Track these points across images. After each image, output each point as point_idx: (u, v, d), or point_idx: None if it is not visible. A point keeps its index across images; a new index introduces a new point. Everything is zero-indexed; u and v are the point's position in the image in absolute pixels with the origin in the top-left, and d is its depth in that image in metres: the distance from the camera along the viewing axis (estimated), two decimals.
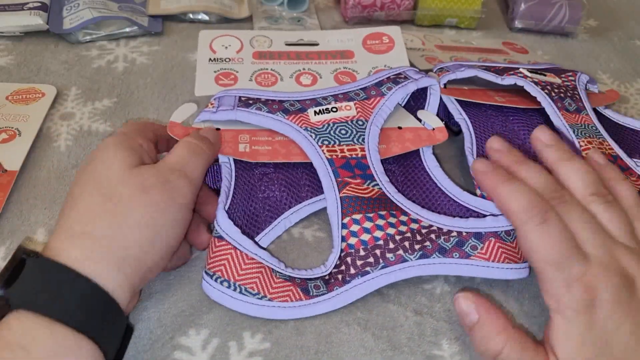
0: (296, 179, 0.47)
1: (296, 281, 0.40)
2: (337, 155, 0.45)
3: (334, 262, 0.41)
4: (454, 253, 0.41)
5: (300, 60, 0.58)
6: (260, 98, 0.49)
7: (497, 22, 0.77)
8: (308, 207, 0.46)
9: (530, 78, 0.55)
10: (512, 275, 0.41)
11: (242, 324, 0.40)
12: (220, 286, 0.39)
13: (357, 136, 0.47)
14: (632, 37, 0.77)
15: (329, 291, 0.40)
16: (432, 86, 0.53)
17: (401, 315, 0.41)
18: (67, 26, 0.64)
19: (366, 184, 0.44)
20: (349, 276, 0.40)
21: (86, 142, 0.53)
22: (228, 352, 0.38)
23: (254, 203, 0.45)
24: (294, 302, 0.39)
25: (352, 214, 0.42)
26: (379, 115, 0.49)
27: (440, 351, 0.39)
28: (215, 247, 0.40)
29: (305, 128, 0.47)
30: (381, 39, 0.60)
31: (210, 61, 0.57)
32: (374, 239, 0.41)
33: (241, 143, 0.47)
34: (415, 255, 0.41)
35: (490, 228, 0.42)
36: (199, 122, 0.48)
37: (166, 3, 0.70)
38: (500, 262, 0.41)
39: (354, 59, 0.58)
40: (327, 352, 0.39)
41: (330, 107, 0.48)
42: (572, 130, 0.51)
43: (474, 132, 0.52)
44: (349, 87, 0.51)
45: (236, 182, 0.45)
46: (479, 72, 0.55)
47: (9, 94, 0.56)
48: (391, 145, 0.48)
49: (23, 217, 0.46)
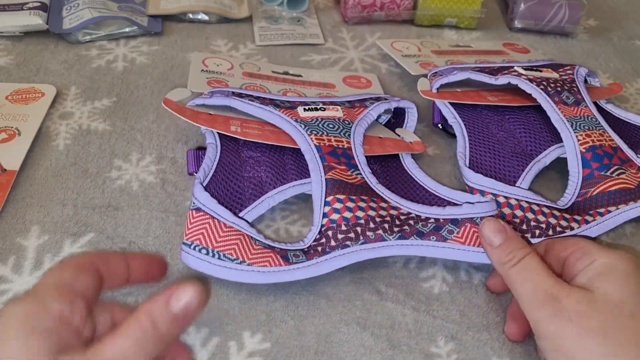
0: (282, 163, 0.49)
1: (275, 249, 0.41)
2: (324, 144, 0.47)
3: (314, 237, 0.42)
4: (431, 236, 0.42)
5: (287, 84, 0.60)
6: (253, 95, 0.51)
7: (497, 22, 0.77)
8: (292, 188, 0.47)
9: (525, 76, 0.55)
10: (486, 258, 0.41)
11: (241, 323, 0.40)
12: (199, 253, 0.39)
13: (344, 131, 0.49)
14: (632, 37, 0.77)
15: (308, 259, 0.41)
16: (410, 108, 0.55)
17: (399, 314, 0.41)
18: (66, 26, 0.65)
19: (350, 171, 0.45)
20: (329, 248, 0.41)
21: (85, 140, 0.53)
22: (228, 352, 0.39)
23: (238, 181, 0.46)
24: (273, 267, 0.40)
25: (336, 193, 0.43)
26: (363, 120, 0.51)
27: (437, 349, 0.39)
28: (193, 218, 0.41)
29: (295, 119, 0.48)
30: (359, 79, 0.63)
31: (203, 72, 0.58)
32: (355, 217, 0.42)
33: (233, 125, 0.48)
34: (394, 236, 0.42)
35: (466, 214, 0.43)
36: (193, 105, 0.50)
37: (166, 3, 0.70)
38: (476, 245, 0.42)
39: (335, 89, 0.60)
40: (327, 352, 0.39)
41: (318, 106, 0.51)
42: (570, 123, 0.51)
43: (467, 135, 0.52)
44: (335, 99, 0.54)
45: (221, 161, 0.47)
46: (472, 74, 0.55)
47: (8, 94, 0.57)
48: (373, 147, 0.50)
49: (18, 216, 0.46)
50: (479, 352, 0.40)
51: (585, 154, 0.49)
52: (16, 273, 0.42)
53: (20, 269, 0.42)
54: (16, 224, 0.46)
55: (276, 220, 0.47)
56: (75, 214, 0.46)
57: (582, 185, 0.48)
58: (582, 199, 0.48)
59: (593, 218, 0.46)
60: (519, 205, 0.46)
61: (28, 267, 0.42)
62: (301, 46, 0.70)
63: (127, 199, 0.48)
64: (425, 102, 0.61)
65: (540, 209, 0.46)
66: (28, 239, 0.44)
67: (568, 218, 0.46)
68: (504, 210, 0.46)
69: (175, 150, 0.53)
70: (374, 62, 0.68)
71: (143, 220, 0.47)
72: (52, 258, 0.43)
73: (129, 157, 0.52)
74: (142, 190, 0.49)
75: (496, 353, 0.39)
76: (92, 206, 0.47)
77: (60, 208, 0.47)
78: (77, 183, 0.49)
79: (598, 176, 0.48)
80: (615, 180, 0.48)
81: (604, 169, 0.48)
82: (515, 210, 0.46)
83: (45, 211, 0.47)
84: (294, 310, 0.41)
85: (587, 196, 0.48)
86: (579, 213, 0.47)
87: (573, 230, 0.46)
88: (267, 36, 0.70)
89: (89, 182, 0.49)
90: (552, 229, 0.45)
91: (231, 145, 0.49)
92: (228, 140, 0.49)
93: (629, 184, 0.48)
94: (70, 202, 0.47)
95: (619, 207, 0.47)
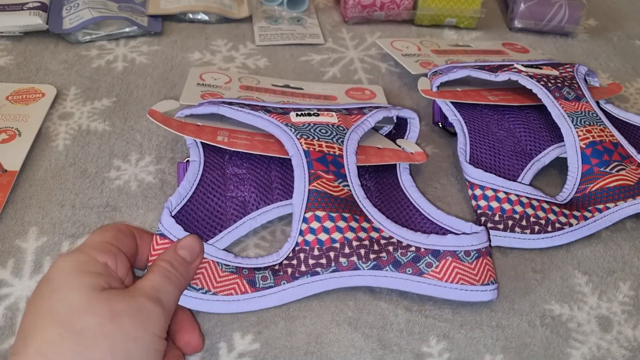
0: (268, 182, 0.47)
1: (243, 272, 0.40)
2: (314, 149, 0.45)
3: (288, 252, 0.41)
4: (408, 269, 0.41)
5: (285, 96, 0.58)
6: (244, 102, 0.50)
7: (496, 22, 0.77)
8: (276, 209, 0.46)
9: (525, 72, 0.55)
10: (465, 296, 0.40)
11: (232, 324, 0.40)
12: None
13: (337, 137, 0.47)
14: (632, 37, 0.77)
15: (276, 285, 0.40)
16: (412, 119, 0.53)
17: (391, 314, 0.41)
18: (66, 26, 0.65)
19: (337, 182, 0.44)
20: (298, 273, 0.40)
21: (84, 141, 0.53)
22: (217, 352, 0.39)
23: (220, 202, 0.45)
24: (238, 296, 0.39)
25: (316, 209, 0.42)
26: (359, 127, 0.49)
27: (429, 348, 0.40)
28: (157, 244, 0.40)
29: (285, 124, 0.47)
30: (363, 91, 0.61)
31: (198, 85, 0.58)
32: (330, 240, 0.41)
33: (220, 136, 0.47)
34: (368, 265, 0.40)
35: (449, 247, 0.41)
36: (181, 117, 0.49)
37: (166, 3, 0.71)
38: (454, 282, 0.40)
39: (336, 101, 0.59)
40: (317, 352, 0.39)
41: (312, 112, 0.49)
42: (570, 119, 0.51)
43: (468, 132, 0.52)
44: (332, 106, 0.52)
45: (203, 179, 0.46)
46: (472, 72, 0.55)
47: (9, 94, 0.57)
48: (370, 157, 0.48)
49: (17, 217, 0.46)
50: (471, 349, 0.40)
51: (585, 149, 0.49)
52: (16, 277, 0.42)
53: (20, 272, 0.42)
54: (15, 225, 0.46)
55: (273, 221, 0.47)
56: (73, 214, 0.47)
57: (581, 181, 0.49)
58: (581, 195, 0.48)
59: (592, 214, 0.47)
60: (519, 201, 0.46)
61: (28, 271, 0.43)
62: (301, 46, 0.70)
63: (126, 199, 0.48)
64: (425, 101, 0.61)
65: (540, 204, 0.46)
66: (26, 241, 0.45)
67: (567, 214, 0.46)
68: (504, 205, 0.46)
69: (174, 151, 0.53)
70: (374, 62, 0.68)
71: (141, 220, 0.47)
72: (51, 261, 0.43)
73: (128, 157, 0.52)
74: (140, 191, 0.49)
75: (489, 350, 0.40)
76: (90, 206, 0.47)
77: (59, 209, 0.47)
78: (75, 183, 0.49)
79: (597, 172, 0.48)
80: (615, 176, 0.48)
81: (604, 165, 0.49)
82: (515, 206, 0.46)
83: (43, 212, 0.47)
84: (285, 311, 0.41)
85: (586, 192, 0.48)
86: (578, 209, 0.47)
87: (572, 227, 0.46)
88: (267, 36, 0.70)
89: (88, 183, 0.49)
90: (552, 225, 0.45)
91: (216, 161, 0.48)
92: (213, 156, 0.48)
93: (628, 181, 0.48)
94: (69, 203, 0.48)
95: (618, 204, 0.47)
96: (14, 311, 0.40)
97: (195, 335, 0.38)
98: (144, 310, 0.33)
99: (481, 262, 0.41)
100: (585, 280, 0.45)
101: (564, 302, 0.43)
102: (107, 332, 0.31)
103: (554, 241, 0.46)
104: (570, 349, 0.40)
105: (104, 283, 0.34)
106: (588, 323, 0.42)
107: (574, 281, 0.45)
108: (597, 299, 0.44)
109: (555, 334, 0.41)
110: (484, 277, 0.41)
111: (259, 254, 0.45)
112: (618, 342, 0.41)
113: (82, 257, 0.35)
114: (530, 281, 0.44)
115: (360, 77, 0.65)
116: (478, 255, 0.41)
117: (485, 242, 0.42)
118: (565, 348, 0.40)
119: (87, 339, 0.31)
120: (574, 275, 0.45)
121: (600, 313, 0.43)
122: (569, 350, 0.40)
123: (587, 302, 0.43)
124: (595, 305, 0.43)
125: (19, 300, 0.41)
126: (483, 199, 0.47)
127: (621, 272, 0.45)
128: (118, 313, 0.32)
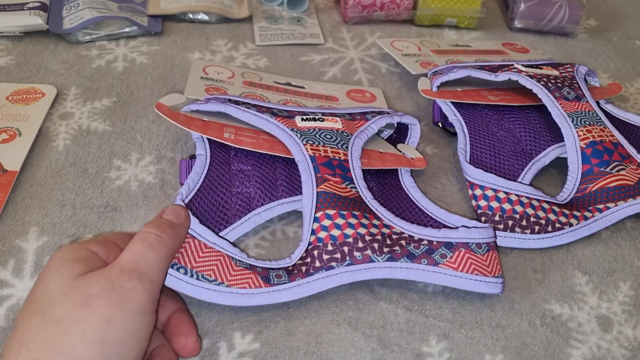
0: (273, 178, 0.48)
1: (257, 270, 0.40)
2: (320, 154, 0.46)
3: (300, 254, 0.41)
4: (423, 260, 0.41)
5: (288, 95, 0.59)
6: (250, 102, 0.50)
7: (496, 22, 0.77)
8: (281, 206, 0.46)
9: (525, 72, 0.55)
10: (479, 287, 0.41)
11: (232, 324, 0.40)
12: (177, 272, 0.38)
13: (342, 143, 0.47)
14: (632, 37, 0.77)
15: (290, 281, 0.40)
16: (413, 125, 0.54)
17: (391, 313, 0.41)
18: (67, 26, 0.65)
19: (344, 184, 0.44)
20: (313, 269, 0.40)
21: (84, 141, 0.53)
22: (218, 352, 0.39)
23: (225, 197, 0.45)
24: (252, 289, 0.39)
25: (326, 208, 0.42)
26: (363, 132, 0.49)
27: (429, 348, 0.40)
28: None
29: (291, 129, 0.47)
30: (364, 93, 0.62)
31: (202, 79, 0.58)
32: (343, 235, 0.41)
33: (226, 133, 0.48)
34: (383, 257, 0.40)
35: (461, 239, 0.41)
36: (187, 111, 0.49)
37: (166, 3, 0.71)
38: (469, 272, 0.41)
39: (338, 102, 0.59)
40: (317, 352, 0.39)
41: (317, 117, 0.49)
42: (570, 119, 0.51)
43: (468, 132, 0.52)
44: (336, 110, 0.53)
45: (209, 174, 0.46)
46: (472, 72, 0.55)
47: (9, 94, 0.57)
48: (372, 161, 0.49)
49: (17, 217, 0.46)
50: (471, 349, 0.40)
51: (585, 149, 0.49)
52: (17, 277, 0.42)
53: (20, 273, 0.42)
54: (15, 225, 0.46)
55: (273, 221, 0.47)
56: (73, 214, 0.47)
57: (582, 181, 0.49)
58: (582, 195, 0.48)
59: (592, 214, 0.47)
60: (519, 201, 0.46)
61: (28, 271, 0.43)
62: (301, 46, 0.70)
63: (126, 199, 0.48)
64: (425, 101, 0.61)
65: (540, 204, 0.46)
66: (27, 241, 0.45)
67: (567, 214, 0.46)
68: (504, 205, 0.46)
69: (174, 150, 0.53)
70: (374, 62, 0.68)
71: (141, 220, 0.47)
72: None
73: (128, 157, 0.52)
74: (140, 191, 0.49)
75: (489, 350, 0.40)
76: (90, 206, 0.47)
77: (59, 209, 0.47)
78: (76, 183, 0.49)
79: (597, 172, 0.48)
80: (615, 176, 0.48)
81: (604, 165, 0.49)
82: (515, 206, 0.46)
83: (44, 212, 0.47)
84: (285, 310, 0.41)
85: (586, 192, 0.48)
86: (578, 209, 0.47)
87: (572, 227, 0.46)
88: (267, 36, 0.70)
89: (88, 183, 0.49)
90: (552, 225, 0.45)
91: (222, 157, 0.48)
92: (219, 151, 0.48)
93: (628, 181, 0.48)
94: (69, 203, 0.48)
95: (618, 204, 0.47)
96: (16, 312, 0.40)
97: (191, 338, 0.37)
98: (117, 289, 0.33)
99: (491, 255, 0.42)
100: (586, 280, 0.45)
101: (564, 302, 0.43)
102: (79, 318, 0.31)
103: (554, 241, 0.46)
104: (571, 348, 0.40)
105: (86, 267, 0.34)
106: (588, 323, 0.42)
107: (574, 281, 0.45)
108: (597, 298, 0.44)
109: (556, 333, 0.41)
110: (494, 270, 0.41)
111: (259, 253, 0.45)
112: (618, 342, 0.41)
113: (74, 247, 0.35)
114: (531, 281, 0.44)
115: (360, 77, 0.65)
116: (488, 248, 0.42)
117: (493, 237, 0.43)
118: (565, 348, 0.40)
119: (62, 327, 0.31)
120: (574, 275, 0.45)
121: (601, 313, 0.43)
122: (569, 350, 0.40)
123: (588, 302, 0.43)
124: (595, 305, 0.43)
125: (20, 302, 0.41)
126: (483, 199, 0.47)
127: (621, 272, 0.46)
128: (91, 296, 0.32)
